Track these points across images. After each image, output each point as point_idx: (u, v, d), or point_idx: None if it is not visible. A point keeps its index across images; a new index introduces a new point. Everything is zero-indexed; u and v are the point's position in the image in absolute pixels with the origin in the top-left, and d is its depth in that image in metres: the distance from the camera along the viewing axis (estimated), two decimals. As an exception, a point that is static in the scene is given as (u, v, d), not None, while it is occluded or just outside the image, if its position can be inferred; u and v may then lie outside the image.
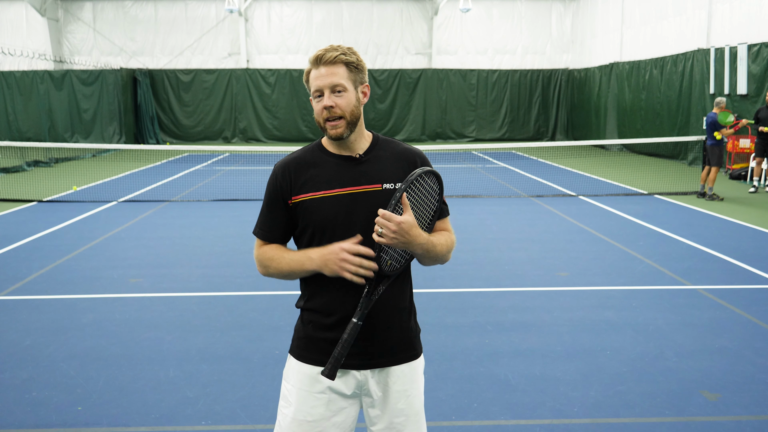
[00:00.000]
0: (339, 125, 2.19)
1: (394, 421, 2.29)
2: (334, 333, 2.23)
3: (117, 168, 18.15)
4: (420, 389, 2.36)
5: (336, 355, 2.11)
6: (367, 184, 2.23)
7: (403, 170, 2.27)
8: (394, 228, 2.04)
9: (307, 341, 2.30)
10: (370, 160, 2.26)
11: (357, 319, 2.13)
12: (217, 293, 6.58)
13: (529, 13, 27.45)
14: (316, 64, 2.19)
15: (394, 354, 2.29)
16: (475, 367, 4.74)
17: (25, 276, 7.15)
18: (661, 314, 5.85)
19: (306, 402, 2.26)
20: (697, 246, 8.41)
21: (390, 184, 2.24)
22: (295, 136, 26.65)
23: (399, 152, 2.31)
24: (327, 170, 2.24)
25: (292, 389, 2.30)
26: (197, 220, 10.41)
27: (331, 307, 2.25)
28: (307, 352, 2.29)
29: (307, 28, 27.12)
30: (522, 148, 23.74)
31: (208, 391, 4.36)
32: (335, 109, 2.17)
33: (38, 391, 4.36)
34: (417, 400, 2.33)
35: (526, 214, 10.82)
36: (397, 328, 2.29)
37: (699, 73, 17.61)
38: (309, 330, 2.29)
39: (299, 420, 2.26)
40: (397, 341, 2.29)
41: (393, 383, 2.28)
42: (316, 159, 2.28)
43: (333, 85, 2.18)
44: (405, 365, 2.31)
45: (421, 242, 2.14)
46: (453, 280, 6.98)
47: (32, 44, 25.75)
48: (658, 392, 4.32)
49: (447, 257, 2.34)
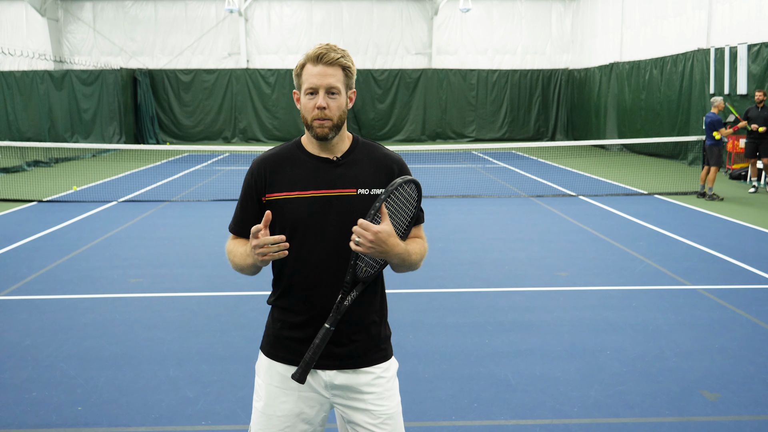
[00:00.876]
0: (326, 125, 2.19)
1: (367, 421, 2.28)
2: (302, 332, 2.26)
3: (117, 168, 18.15)
4: (392, 390, 2.34)
5: (307, 360, 2.13)
6: (341, 188, 2.23)
7: (379, 176, 2.26)
8: (371, 238, 2.05)
9: (276, 339, 2.32)
10: (347, 164, 2.26)
11: (329, 324, 2.15)
12: (217, 293, 6.58)
13: (529, 13, 27.45)
14: (315, 61, 2.19)
15: (364, 356, 2.29)
16: (475, 367, 4.74)
17: (25, 276, 7.15)
18: (661, 314, 5.85)
19: (275, 398, 2.29)
20: (697, 246, 8.41)
21: (365, 190, 2.24)
22: (295, 136, 26.42)
23: (377, 158, 2.31)
24: (303, 170, 2.25)
25: (262, 384, 2.33)
26: (197, 220, 10.41)
27: (298, 307, 2.26)
28: (276, 350, 2.31)
29: (307, 28, 27.12)
30: (522, 148, 23.74)
31: (208, 391, 4.36)
32: (327, 111, 2.18)
33: (38, 391, 4.36)
34: (390, 402, 2.31)
35: (526, 214, 10.82)
36: (366, 331, 2.29)
37: (699, 73, 17.61)
38: (277, 328, 2.32)
39: (268, 414, 2.29)
40: (367, 344, 2.29)
41: (362, 384, 2.28)
42: (293, 157, 2.28)
43: (329, 87, 2.19)
44: (374, 367, 2.31)
45: (399, 252, 2.15)
46: (453, 280, 6.98)
47: (32, 44, 25.75)
48: (658, 392, 4.32)
49: (419, 265, 2.33)
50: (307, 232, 2.21)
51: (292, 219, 2.22)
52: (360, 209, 2.20)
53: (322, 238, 2.21)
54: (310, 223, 2.21)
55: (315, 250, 2.22)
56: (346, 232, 2.16)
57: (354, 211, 2.20)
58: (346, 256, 2.19)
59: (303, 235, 2.21)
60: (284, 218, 2.22)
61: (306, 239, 2.21)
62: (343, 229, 2.18)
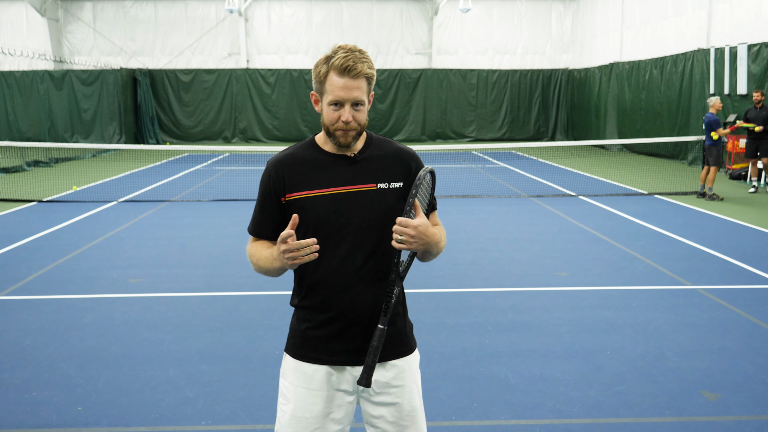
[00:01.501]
0: (350, 134, 2.21)
1: (393, 414, 2.30)
2: (328, 330, 2.26)
3: (117, 168, 18.15)
4: (417, 383, 2.38)
5: (369, 363, 2.17)
6: (361, 184, 2.25)
7: (396, 170, 2.29)
8: (413, 233, 2.10)
9: (303, 339, 2.31)
10: (364, 160, 2.28)
11: (382, 324, 2.19)
12: (217, 293, 6.58)
13: (529, 13, 27.45)
14: (342, 73, 2.15)
15: (389, 349, 2.30)
16: (475, 367, 4.74)
17: (25, 276, 7.15)
18: (661, 314, 5.85)
19: (304, 399, 2.28)
20: (697, 246, 8.41)
21: (384, 184, 2.26)
22: (295, 136, 26.63)
23: (393, 152, 2.34)
24: (321, 169, 2.26)
25: (290, 386, 2.32)
26: (197, 220, 10.41)
27: (323, 305, 2.27)
28: (303, 351, 2.31)
29: (307, 28, 27.12)
30: (522, 148, 23.74)
31: (208, 391, 4.36)
32: (352, 124, 2.19)
33: (38, 391, 4.36)
34: (415, 394, 2.35)
35: (526, 214, 10.82)
36: (392, 324, 2.30)
37: (699, 73, 17.61)
38: (303, 328, 2.31)
39: (298, 417, 2.28)
40: (392, 337, 2.30)
41: (389, 378, 2.30)
42: (310, 156, 2.28)
43: (355, 101, 2.18)
44: (400, 360, 2.33)
45: (437, 240, 2.21)
46: (453, 280, 6.98)
47: (32, 44, 25.75)
48: (658, 392, 4.32)
49: (442, 250, 2.38)
50: (330, 230, 2.23)
51: (314, 217, 2.22)
52: (380, 203, 2.23)
53: (345, 235, 2.23)
54: (332, 221, 2.22)
55: (338, 247, 2.23)
56: (367, 227, 2.20)
57: (375, 206, 2.23)
58: (368, 251, 2.22)
59: (326, 233, 2.22)
60: (306, 217, 2.22)
61: (329, 236, 2.22)
62: (365, 225, 2.21)
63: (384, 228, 2.22)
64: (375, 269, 2.25)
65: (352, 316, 2.24)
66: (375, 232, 2.23)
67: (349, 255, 2.23)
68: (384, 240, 2.22)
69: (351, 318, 2.25)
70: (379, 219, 2.22)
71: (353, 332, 2.25)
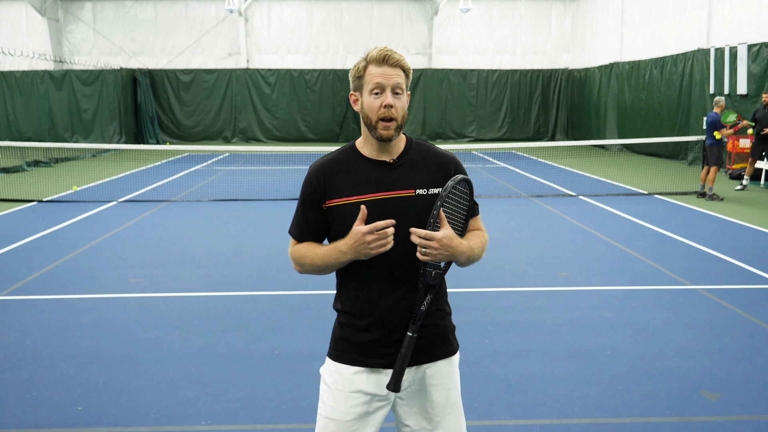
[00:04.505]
0: (391, 126, 2.21)
1: (431, 413, 2.34)
2: (370, 335, 2.28)
3: (117, 168, 18.15)
4: (457, 382, 2.40)
5: (397, 369, 2.19)
6: (400, 190, 2.25)
7: (436, 176, 2.30)
8: (436, 246, 2.12)
9: (344, 342, 2.34)
10: (403, 165, 2.28)
11: (412, 332, 2.21)
12: (217, 293, 6.58)
13: (529, 13, 27.45)
14: (380, 62, 2.20)
15: (431, 351, 2.32)
16: (475, 367, 4.74)
17: (25, 276, 7.15)
18: (661, 314, 5.85)
19: (341, 402, 2.30)
20: (697, 246, 8.41)
21: (423, 190, 2.27)
22: (295, 136, 26.64)
23: (432, 157, 2.34)
24: (361, 175, 2.27)
25: (328, 390, 2.34)
26: (197, 220, 10.41)
27: (364, 310, 2.28)
28: (343, 353, 2.33)
29: (307, 28, 27.11)
30: (522, 148, 23.74)
31: (208, 391, 4.36)
32: (393, 110, 2.20)
33: (38, 391, 4.36)
34: (454, 393, 2.38)
35: (526, 214, 10.82)
36: (433, 327, 2.32)
37: (699, 73, 17.61)
38: (345, 332, 2.34)
39: (335, 420, 2.31)
40: (434, 339, 2.33)
41: (429, 378, 2.33)
42: (350, 162, 2.30)
43: (395, 85, 2.20)
44: (442, 361, 2.35)
45: (463, 250, 2.22)
46: (453, 280, 6.97)
47: (32, 44, 25.75)
48: (658, 392, 4.32)
49: (482, 255, 2.40)
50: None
51: (352, 223, 2.21)
52: (420, 209, 2.24)
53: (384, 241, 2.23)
54: None
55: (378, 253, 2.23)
56: (407, 233, 2.20)
57: (414, 212, 2.23)
58: (408, 256, 2.23)
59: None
60: (345, 223, 2.23)
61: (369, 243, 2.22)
62: (404, 231, 2.21)
63: None
64: (414, 274, 2.26)
65: (392, 321, 2.26)
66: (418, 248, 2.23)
67: (388, 260, 2.24)
68: None
69: (391, 323, 2.26)
70: (417, 225, 2.22)
71: (392, 337, 2.27)
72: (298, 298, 6.34)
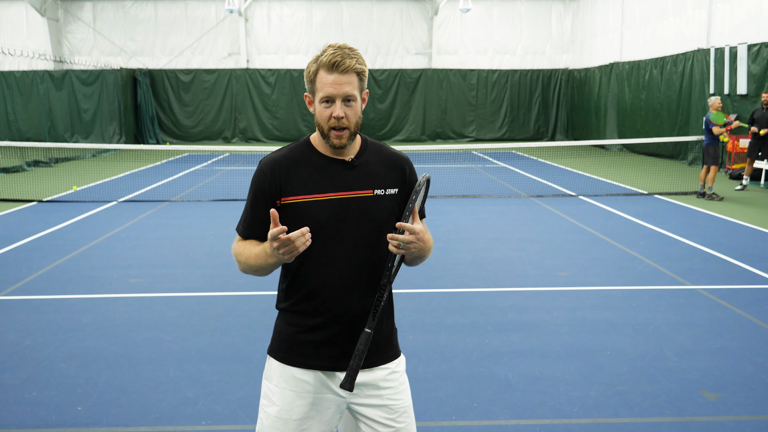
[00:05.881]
0: (344, 135, 2.19)
1: (384, 416, 2.30)
2: (320, 334, 2.26)
3: (117, 168, 18.15)
4: (406, 384, 2.39)
5: (353, 367, 2.16)
6: (358, 190, 2.24)
7: (392, 176, 2.30)
8: (413, 238, 2.11)
9: (290, 343, 2.30)
10: (361, 165, 2.27)
11: (369, 329, 2.18)
12: (217, 293, 6.58)
13: (529, 13, 27.44)
14: (330, 69, 2.13)
15: (377, 354, 2.30)
16: (475, 367, 4.74)
17: (25, 276, 7.15)
18: (661, 314, 5.85)
19: (291, 401, 2.27)
20: (697, 246, 8.41)
21: (381, 190, 2.26)
22: (295, 136, 26.63)
23: (387, 158, 2.34)
24: (318, 173, 2.24)
25: (275, 389, 2.30)
26: (197, 220, 10.41)
27: (318, 310, 2.25)
28: (290, 355, 2.29)
29: (307, 28, 27.12)
30: (522, 148, 23.74)
31: (208, 391, 4.36)
32: (344, 120, 2.17)
33: (38, 391, 4.36)
34: (405, 395, 2.36)
35: (526, 214, 10.82)
36: (378, 330, 2.29)
37: (699, 73, 17.61)
38: (292, 333, 2.29)
39: (284, 419, 2.27)
40: (379, 342, 2.30)
41: (379, 381, 2.31)
42: (306, 159, 2.26)
43: (346, 96, 2.16)
44: (390, 363, 2.34)
45: (431, 245, 2.25)
46: (453, 280, 6.98)
47: (32, 44, 25.75)
48: (658, 392, 4.32)
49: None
50: (327, 235, 2.21)
51: (310, 222, 2.18)
52: (377, 210, 2.23)
53: (341, 241, 2.22)
54: (329, 226, 2.21)
55: (334, 253, 2.22)
56: (363, 233, 2.20)
57: (371, 212, 2.23)
58: (363, 257, 2.22)
59: (322, 238, 2.21)
60: (302, 222, 2.18)
61: (325, 242, 2.21)
62: (361, 231, 2.21)
63: (379, 235, 2.23)
64: (370, 275, 2.25)
65: (345, 321, 2.23)
66: (371, 238, 2.23)
67: (345, 260, 2.22)
68: (379, 246, 2.22)
69: (343, 323, 2.24)
70: (375, 225, 2.23)
71: (345, 337, 2.25)
72: (298, 298, 6.33)
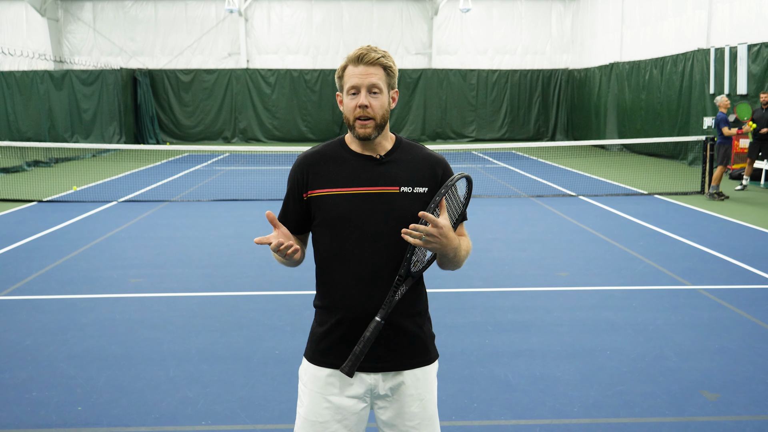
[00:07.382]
0: (368, 125, 2.20)
1: (407, 425, 2.28)
2: (342, 332, 2.24)
3: (117, 168, 18.15)
4: (433, 393, 2.34)
5: (356, 352, 2.13)
6: (384, 186, 2.23)
7: (422, 176, 2.27)
8: (435, 233, 2.06)
9: (317, 343, 2.30)
10: (390, 162, 2.26)
11: (380, 318, 2.15)
12: (217, 293, 6.58)
13: (529, 13, 27.45)
14: (356, 62, 2.19)
15: (408, 358, 2.27)
16: (475, 367, 4.74)
17: (25, 276, 7.15)
18: (661, 314, 5.85)
19: (317, 403, 2.27)
20: (697, 246, 8.41)
21: (407, 188, 2.24)
22: (295, 137, 26.63)
23: (420, 157, 2.31)
24: (346, 168, 2.25)
25: (304, 389, 2.32)
26: (197, 220, 10.41)
27: (339, 306, 2.25)
28: (317, 355, 2.30)
29: (307, 28, 27.11)
30: (522, 148, 23.74)
31: (208, 391, 4.36)
32: (369, 110, 2.19)
33: (38, 391, 4.36)
34: (431, 404, 2.32)
35: (526, 214, 10.82)
36: (411, 333, 2.27)
37: (699, 73, 17.60)
38: (320, 331, 2.30)
39: (310, 420, 2.28)
40: (411, 345, 2.28)
41: (406, 387, 2.27)
42: (336, 155, 2.29)
43: (371, 85, 2.19)
44: (418, 369, 2.29)
45: (455, 245, 2.16)
46: (453, 280, 6.98)
47: (32, 44, 25.75)
48: (658, 392, 4.32)
49: (463, 263, 2.35)
50: (350, 229, 2.21)
51: (333, 215, 2.21)
52: (402, 207, 2.21)
53: (363, 235, 2.21)
54: (352, 220, 2.21)
55: (355, 247, 2.22)
56: (387, 229, 2.19)
57: (396, 209, 2.21)
58: (386, 253, 2.20)
59: (345, 232, 2.21)
60: (326, 215, 2.22)
61: (348, 236, 2.21)
62: (384, 227, 2.19)
63: None
64: (393, 273, 2.21)
65: (366, 318, 2.20)
66: (393, 235, 2.18)
67: (366, 256, 2.21)
68: (402, 244, 2.18)
69: (364, 321, 2.21)
70: (399, 222, 2.17)
71: None
72: (298, 298, 6.34)
